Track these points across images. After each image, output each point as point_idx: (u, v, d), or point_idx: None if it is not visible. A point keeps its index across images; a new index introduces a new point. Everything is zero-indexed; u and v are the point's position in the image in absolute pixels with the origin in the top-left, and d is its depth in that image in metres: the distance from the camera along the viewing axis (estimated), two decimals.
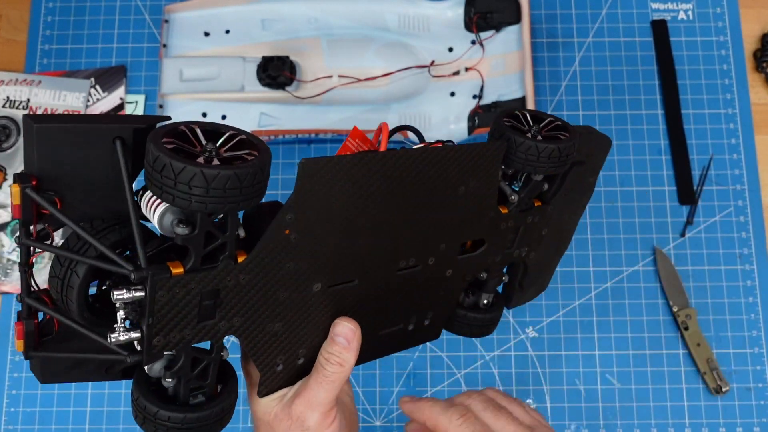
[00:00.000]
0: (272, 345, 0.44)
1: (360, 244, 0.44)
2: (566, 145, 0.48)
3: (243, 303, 0.41)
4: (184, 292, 0.38)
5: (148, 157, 0.35)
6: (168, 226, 0.37)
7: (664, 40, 0.89)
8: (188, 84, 0.84)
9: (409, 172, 0.44)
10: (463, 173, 0.46)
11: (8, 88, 0.86)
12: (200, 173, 0.34)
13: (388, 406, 0.79)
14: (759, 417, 0.78)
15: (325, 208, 0.41)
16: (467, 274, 0.52)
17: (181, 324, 0.39)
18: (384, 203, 0.44)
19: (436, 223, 0.47)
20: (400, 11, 0.88)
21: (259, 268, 0.40)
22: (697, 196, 0.84)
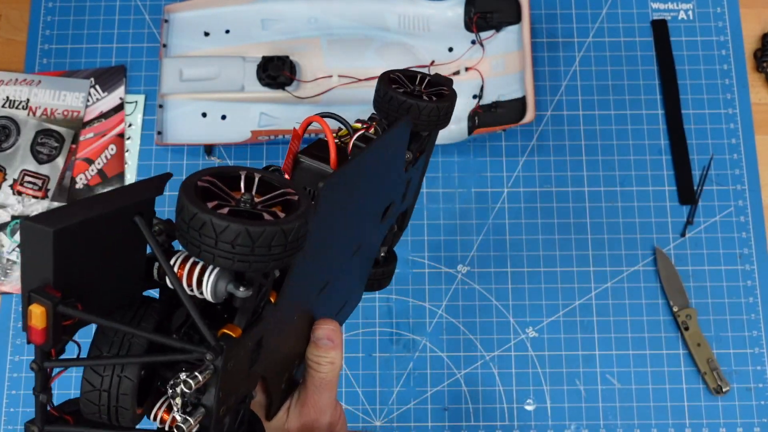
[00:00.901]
0: (281, 369, 0.43)
1: (336, 245, 0.44)
2: (453, 101, 0.53)
3: (273, 341, 0.39)
4: (243, 352, 0.35)
5: (182, 213, 0.31)
6: (223, 291, 0.33)
7: (664, 40, 0.89)
8: (188, 84, 0.84)
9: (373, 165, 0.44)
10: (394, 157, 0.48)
11: (8, 88, 0.86)
12: (245, 231, 0.30)
13: (388, 406, 0.79)
14: (759, 417, 0.78)
15: (325, 222, 0.40)
16: (384, 233, 0.55)
17: (237, 384, 0.36)
18: (355, 201, 0.44)
19: (374, 206, 0.49)
20: (400, 11, 0.88)
21: (286, 301, 0.38)
22: (697, 196, 0.84)
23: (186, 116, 0.85)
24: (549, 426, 0.78)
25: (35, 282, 0.30)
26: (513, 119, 0.82)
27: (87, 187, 0.84)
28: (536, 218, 0.84)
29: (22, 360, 0.80)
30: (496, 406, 0.79)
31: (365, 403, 0.79)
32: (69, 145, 0.85)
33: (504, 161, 0.85)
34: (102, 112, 0.86)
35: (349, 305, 0.54)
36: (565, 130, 0.86)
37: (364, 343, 0.80)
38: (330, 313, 0.48)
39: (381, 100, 0.50)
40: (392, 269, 0.59)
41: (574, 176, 0.85)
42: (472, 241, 0.83)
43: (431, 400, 0.79)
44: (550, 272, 0.82)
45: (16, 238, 0.82)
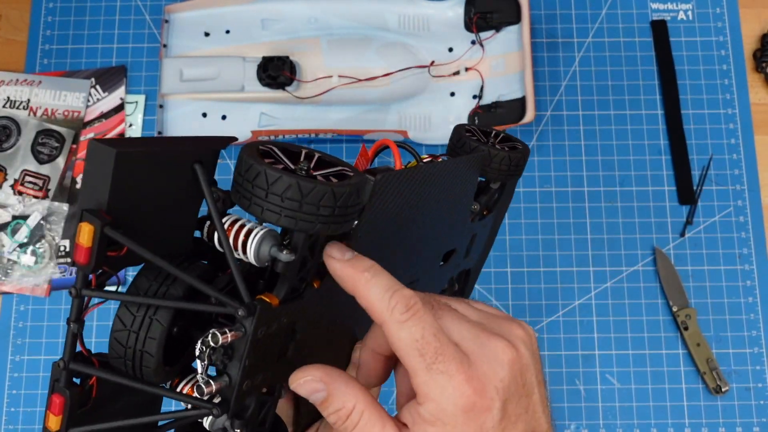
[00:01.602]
0: None
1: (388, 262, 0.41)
2: (525, 153, 0.51)
3: (314, 333, 0.37)
4: (276, 326, 0.33)
5: (239, 167, 0.32)
6: (266, 254, 0.33)
7: (663, 41, 0.89)
8: (188, 84, 0.84)
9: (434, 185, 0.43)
10: (464, 184, 0.47)
11: (8, 88, 0.86)
12: (296, 184, 0.31)
13: (387, 406, 0.79)
14: (759, 417, 0.78)
15: (384, 220, 0.38)
16: (443, 282, 0.53)
17: (266, 363, 0.34)
18: (421, 215, 0.43)
19: (443, 239, 0.48)
20: (400, 11, 0.88)
21: (330, 292, 0.37)
22: (696, 196, 0.84)
23: (186, 116, 0.85)
24: None
25: (91, 203, 0.30)
26: (513, 119, 0.82)
27: None
28: (536, 218, 0.84)
29: (23, 360, 0.80)
30: None
31: None
32: (69, 145, 0.85)
33: None
34: (102, 112, 0.86)
35: None
36: (565, 130, 0.86)
37: None
38: None
39: (454, 146, 0.51)
40: None
41: (573, 176, 0.85)
42: None
43: None
44: (550, 272, 0.82)
45: (17, 238, 0.82)
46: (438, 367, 0.33)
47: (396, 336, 0.34)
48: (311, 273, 0.35)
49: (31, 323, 0.81)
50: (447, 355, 0.33)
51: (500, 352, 0.34)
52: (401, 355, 0.34)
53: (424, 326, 0.33)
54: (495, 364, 0.34)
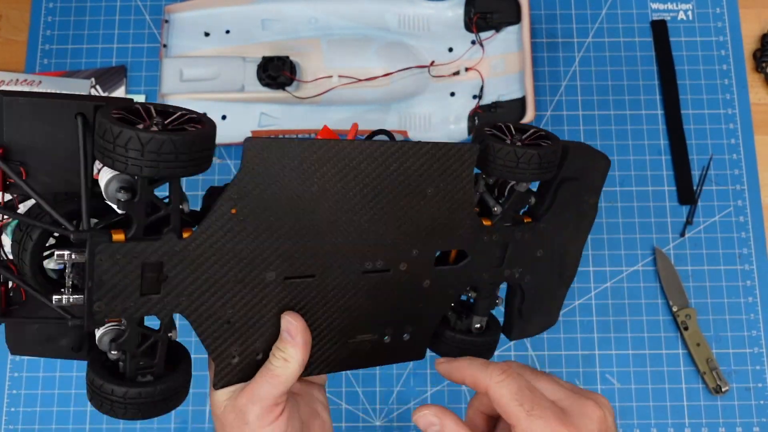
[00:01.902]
0: (225, 333, 0.44)
1: (317, 236, 0.44)
2: (547, 151, 0.46)
3: (190, 281, 0.41)
4: (125, 260, 0.39)
5: (96, 128, 0.37)
6: (112, 193, 0.39)
7: (663, 41, 0.89)
8: (188, 84, 0.84)
9: (368, 165, 0.43)
10: (432, 174, 0.45)
11: (8, 89, 0.86)
12: (135, 136, 0.36)
13: (388, 406, 0.79)
14: (759, 417, 0.78)
15: (276, 192, 0.42)
16: (450, 288, 0.50)
17: (123, 293, 0.40)
18: (342, 195, 0.44)
19: (404, 225, 0.46)
20: (399, 11, 0.88)
21: (205, 246, 0.41)
22: (696, 196, 0.84)
23: None
24: None
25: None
26: (513, 119, 0.82)
27: None
28: None
29: (22, 360, 0.80)
30: None
31: (365, 403, 0.79)
32: None
33: None
34: None
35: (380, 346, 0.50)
36: (565, 130, 0.86)
37: None
38: (325, 325, 0.47)
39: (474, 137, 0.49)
40: (488, 341, 0.54)
41: None
42: None
43: (431, 400, 0.79)
44: None
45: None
46: (536, 413, 0.40)
47: (498, 394, 0.42)
48: (176, 221, 0.40)
49: None
50: (543, 405, 0.41)
51: (590, 411, 0.41)
52: (504, 410, 0.42)
53: (518, 382, 0.42)
54: (586, 419, 0.41)
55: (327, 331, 0.47)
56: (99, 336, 0.43)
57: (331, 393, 0.79)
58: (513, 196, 0.49)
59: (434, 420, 0.43)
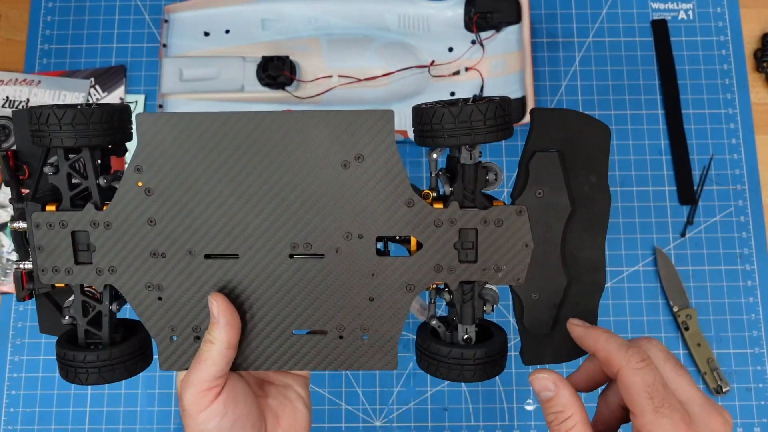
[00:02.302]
0: (159, 310, 0.47)
1: (232, 214, 0.45)
2: (489, 105, 0.41)
3: (114, 252, 0.46)
4: (56, 227, 0.45)
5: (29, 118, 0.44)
6: (46, 172, 0.46)
7: (664, 40, 0.89)
8: (188, 84, 0.84)
9: (269, 136, 0.43)
10: (344, 143, 0.43)
11: (8, 88, 0.86)
12: (52, 112, 0.43)
13: (388, 406, 0.79)
14: (760, 417, 0.78)
15: (179, 166, 0.44)
16: (407, 283, 0.46)
17: (60, 258, 0.46)
18: (250, 170, 0.44)
19: (327, 204, 0.44)
20: (399, 11, 0.88)
21: (122, 218, 0.45)
22: (697, 196, 0.84)
23: None
24: None
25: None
26: (513, 119, 0.82)
27: None
28: None
29: (22, 360, 0.80)
30: (496, 406, 0.79)
31: (365, 403, 0.79)
32: None
33: (504, 161, 0.85)
34: None
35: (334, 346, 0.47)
36: None
37: None
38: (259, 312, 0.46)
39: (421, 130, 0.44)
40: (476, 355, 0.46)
41: None
42: None
43: (431, 400, 0.79)
44: None
45: None
46: (664, 411, 0.39)
47: (630, 380, 0.40)
48: (94, 193, 0.45)
49: (30, 323, 0.81)
50: (673, 404, 0.39)
51: (718, 425, 0.40)
52: (632, 398, 0.40)
53: (655, 375, 0.40)
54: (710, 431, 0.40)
55: (265, 321, 0.47)
56: (63, 308, 0.49)
57: (331, 393, 0.79)
58: (463, 171, 0.43)
59: (550, 386, 0.42)
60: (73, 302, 0.47)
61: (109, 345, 0.47)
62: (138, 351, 0.48)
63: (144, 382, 0.79)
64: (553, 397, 0.42)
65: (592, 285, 0.47)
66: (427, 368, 0.47)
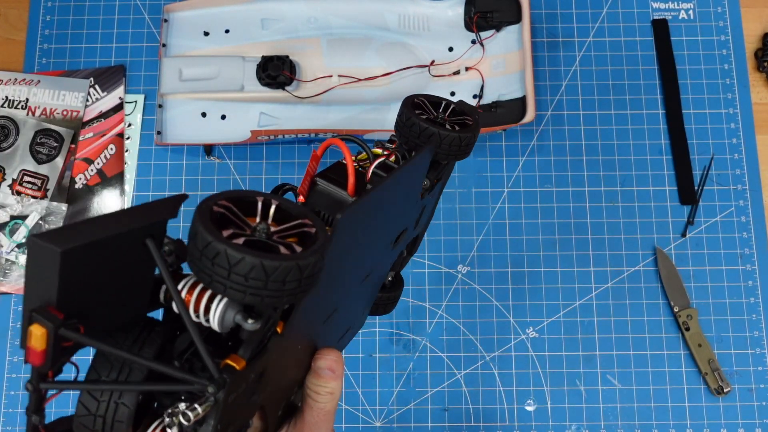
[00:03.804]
0: (281, 395, 0.42)
1: (348, 275, 0.42)
2: (476, 131, 0.52)
3: (277, 369, 0.38)
4: (244, 384, 0.34)
5: (195, 238, 0.30)
6: (230, 321, 0.32)
7: (664, 40, 0.88)
8: (188, 84, 0.84)
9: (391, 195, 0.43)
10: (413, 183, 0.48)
11: (7, 88, 0.86)
12: (260, 265, 0.29)
13: (388, 406, 0.79)
14: (761, 418, 0.78)
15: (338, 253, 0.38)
16: (394, 259, 0.54)
17: (235, 415, 0.34)
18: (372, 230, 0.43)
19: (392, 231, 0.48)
20: (399, 11, 0.87)
21: (292, 333, 0.37)
22: (698, 196, 0.84)
23: (185, 116, 0.84)
24: (549, 427, 0.78)
25: (38, 301, 0.29)
26: (513, 119, 0.81)
27: (86, 186, 0.84)
28: (536, 218, 0.83)
29: (21, 361, 0.79)
30: (497, 407, 0.79)
31: (365, 404, 0.79)
32: (68, 144, 0.85)
33: (504, 161, 0.85)
34: (101, 111, 0.86)
35: (352, 330, 0.54)
36: (566, 130, 0.86)
37: (363, 343, 0.80)
38: (333, 340, 0.48)
39: (403, 125, 0.49)
40: (398, 294, 0.59)
41: (574, 176, 0.85)
42: (473, 241, 0.83)
43: (431, 401, 0.79)
44: (551, 272, 0.82)
45: (15, 238, 0.82)
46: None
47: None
48: (275, 326, 0.35)
49: None
50: None
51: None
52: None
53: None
54: None
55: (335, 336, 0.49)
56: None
57: None
58: (439, 169, 0.53)
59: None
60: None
61: None
62: None
63: None
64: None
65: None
66: None
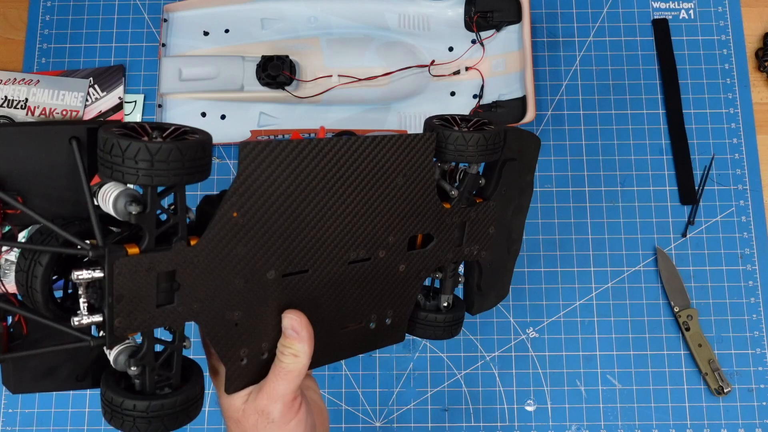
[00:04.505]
0: (234, 336, 0.46)
1: (308, 232, 0.46)
2: (491, 133, 0.51)
3: (200, 288, 0.43)
4: (141, 273, 0.40)
5: (99, 144, 0.38)
6: (122, 209, 0.39)
7: (665, 39, 0.88)
8: (187, 83, 0.84)
9: (347, 160, 0.46)
10: (399, 163, 0.48)
11: (6, 88, 0.86)
12: (144, 147, 0.37)
13: (388, 406, 0.78)
14: (761, 418, 0.78)
15: (270, 192, 0.43)
16: (422, 270, 0.54)
17: (140, 306, 0.40)
18: (326, 191, 0.46)
19: (380, 215, 0.49)
20: (400, 10, 0.87)
21: (212, 252, 0.42)
22: (698, 196, 0.84)
23: (185, 116, 0.84)
24: (550, 427, 0.78)
25: None
26: (513, 119, 0.81)
27: None
28: (537, 218, 0.83)
29: None
30: (497, 407, 0.79)
31: (365, 404, 0.79)
32: None
33: None
34: (101, 111, 0.86)
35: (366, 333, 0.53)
36: (566, 130, 0.86)
37: None
38: (319, 318, 0.49)
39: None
40: (454, 319, 0.58)
41: (574, 176, 0.85)
42: None
43: (431, 401, 0.79)
44: (551, 272, 0.82)
45: None
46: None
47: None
48: (183, 229, 0.41)
49: None
50: None
51: None
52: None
53: None
54: None
55: (322, 324, 0.49)
56: (114, 356, 0.43)
57: (331, 394, 0.79)
58: (467, 178, 0.53)
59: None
60: (146, 349, 0.42)
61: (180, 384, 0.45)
62: (199, 395, 0.46)
63: None
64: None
65: (515, 252, 0.63)
66: (422, 334, 0.57)
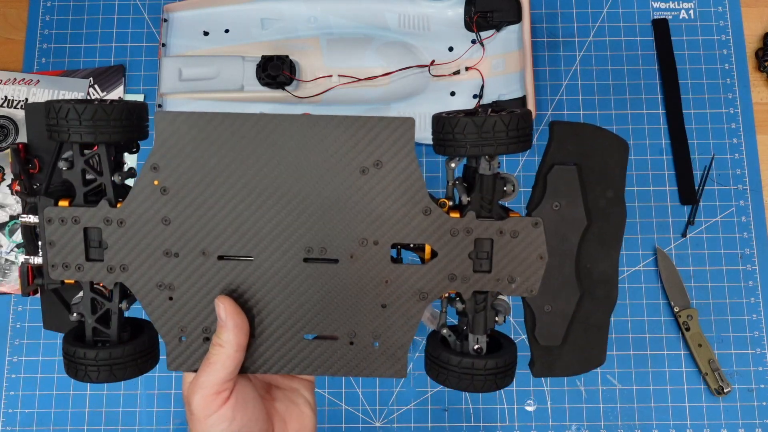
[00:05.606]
0: (169, 310, 0.46)
1: (247, 215, 0.45)
2: (512, 117, 0.41)
3: (127, 250, 0.45)
4: (68, 223, 0.45)
5: (47, 112, 0.44)
6: (60, 167, 0.45)
7: (665, 39, 0.88)
8: (187, 83, 0.84)
9: (290, 139, 0.43)
10: (363, 149, 0.43)
11: (6, 88, 0.86)
12: (72, 107, 0.43)
13: (388, 406, 0.78)
14: (761, 418, 0.78)
15: (196, 166, 0.44)
16: (420, 291, 0.45)
17: (72, 254, 0.45)
18: (267, 171, 0.44)
19: (343, 210, 0.44)
20: (400, 10, 0.87)
21: (136, 216, 0.45)
22: (698, 196, 0.84)
23: None
24: (550, 427, 0.78)
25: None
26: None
27: None
28: None
29: (20, 361, 0.79)
30: (497, 407, 0.79)
31: (365, 404, 0.79)
32: None
33: (504, 161, 0.85)
34: None
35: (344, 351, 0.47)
36: None
37: None
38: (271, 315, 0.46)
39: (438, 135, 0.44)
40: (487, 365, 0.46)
41: None
42: None
43: (431, 401, 0.79)
44: None
45: (15, 239, 0.82)
46: None
47: None
48: (108, 189, 0.45)
49: (29, 324, 0.80)
50: None
51: None
52: None
53: None
54: None
55: (276, 324, 0.46)
56: (71, 305, 0.49)
57: (331, 394, 0.79)
58: (482, 181, 0.43)
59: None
60: (82, 299, 0.47)
61: (117, 343, 0.47)
62: (148, 349, 0.48)
63: (143, 382, 0.79)
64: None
65: (605, 299, 0.47)
66: (436, 377, 0.47)
